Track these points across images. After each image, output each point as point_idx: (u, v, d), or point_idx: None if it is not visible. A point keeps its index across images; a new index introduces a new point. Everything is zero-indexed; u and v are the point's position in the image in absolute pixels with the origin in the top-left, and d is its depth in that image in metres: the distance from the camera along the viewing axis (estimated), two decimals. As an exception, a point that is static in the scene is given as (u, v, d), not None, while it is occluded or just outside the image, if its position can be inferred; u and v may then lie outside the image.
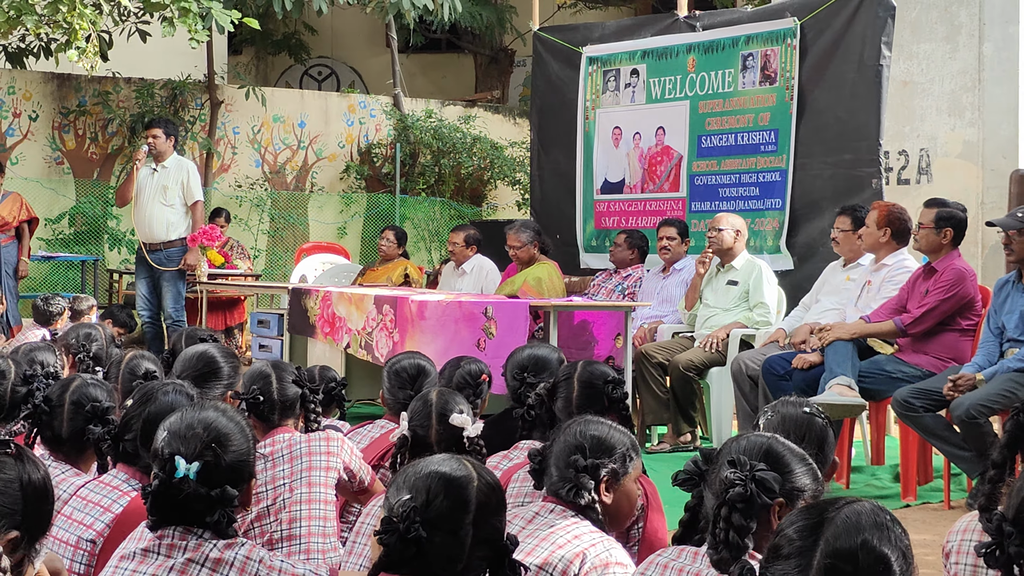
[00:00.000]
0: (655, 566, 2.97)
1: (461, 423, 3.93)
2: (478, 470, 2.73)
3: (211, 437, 3.00)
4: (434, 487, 2.64)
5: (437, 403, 4.01)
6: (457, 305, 7.58)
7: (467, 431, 3.92)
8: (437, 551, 2.61)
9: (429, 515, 2.61)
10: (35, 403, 3.99)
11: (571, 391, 4.36)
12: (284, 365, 4.63)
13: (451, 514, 2.63)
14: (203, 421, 3.03)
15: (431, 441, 3.95)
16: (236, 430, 3.08)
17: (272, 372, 4.51)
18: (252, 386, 4.45)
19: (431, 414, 3.99)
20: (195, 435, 2.99)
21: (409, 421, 4.02)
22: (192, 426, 3.01)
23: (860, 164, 8.76)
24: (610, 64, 10.59)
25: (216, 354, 4.63)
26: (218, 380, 4.53)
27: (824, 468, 3.40)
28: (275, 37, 20.53)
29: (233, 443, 3.04)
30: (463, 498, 2.65)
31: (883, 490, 6.97)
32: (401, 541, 2.57)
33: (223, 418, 3.08)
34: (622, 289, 9.11)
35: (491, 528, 2.68)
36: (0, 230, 11.30)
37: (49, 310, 9.31)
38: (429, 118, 16.75)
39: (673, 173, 10.09)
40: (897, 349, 7.01)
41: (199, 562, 2.90)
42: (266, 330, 9.61)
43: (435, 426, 3.96)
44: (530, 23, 11.56)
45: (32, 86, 14.67)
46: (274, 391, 4.46)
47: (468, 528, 2.63)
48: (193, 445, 2.97)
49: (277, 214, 15.89)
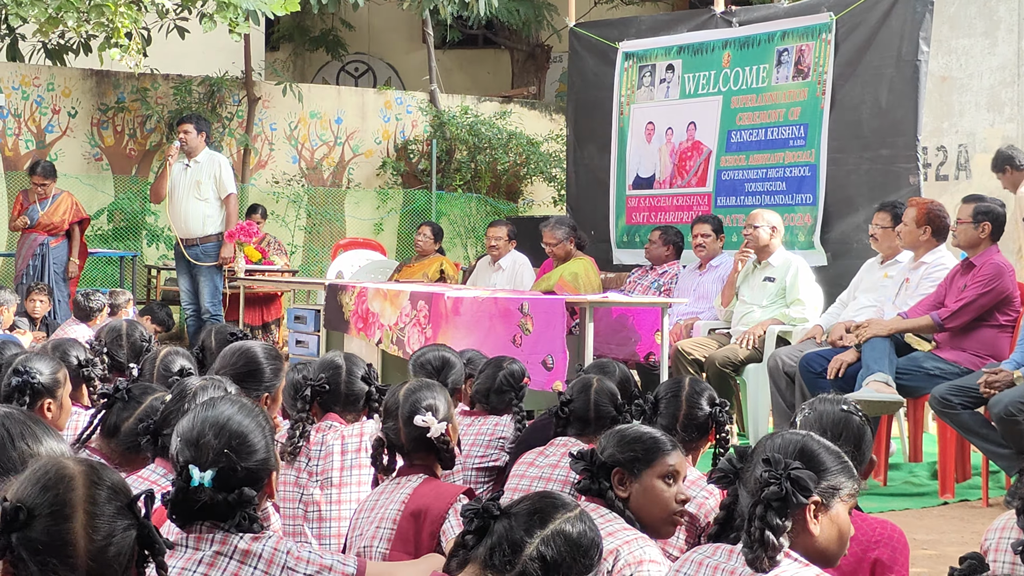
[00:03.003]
0: (691, 563, 2.96)
1: (424, 423, 3.85)
2: (583, 514, 2.65)
3: (224, 442, 2.96)
4: (532, 496, 2.66)
5: (403, 404, 3.92)
6: (493, 301, 7.58)
7: (431, 432, 3.85)
8: (499, 540, 2.59)
9: (512, 509, 2.61)
10: (113, 391, 4.04)
11: (678, 409, 4.34)
12: (356, 359, 4.66)
13: (526, 518, 2.59)
14: (215, 424, 2.99)
15: (402, 442, 3.91)
16: (252, 427, 3.03)
17: (343, 364, 4.58)
18: (321, 374, 4.52)
19: (398, 416, 3.91)
20: (207, 442, 2.95)
21: (383, 422, 3.99)
22: (204, 432, 2.97)
23: (898, 160, 8.72)
24: (646, 59, 10.58)
25: (259, 353, 4.54)
26: (257, 381, 4.48)
27: (861, 466, 3.38)
28: (312, 33, 20.59)
29: (249, 442, 3.00)
30: (548, 513, 2.59)
31: (921, 487, 6.94)
32: (477, 513, 2.59)
33: (237, 415, 3.03)
34: (658, 286, 9.09)
35: (558, 556, 2.59)
36: (49, 232, 11.38)
37: (89, 306, 9.39)
38: (465, 114, 16.75)
39: (701, 168, 10.07)
40: (935, 346, 6.97)
41: (227, 554, 2.90)
42: (303, 326, 9.66)
43: (403, 428, 3.89)
44: (566, 19, 11.56)
45: (71, 83, 14.76)
46: (342, 383, 4.54)
47: (535, 539, 2.57)
48: (206, 453, 2.94)
49: (314, 210, 15.93)
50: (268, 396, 4.48)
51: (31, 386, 4.33)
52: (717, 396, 4.43)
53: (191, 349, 5.79)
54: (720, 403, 4.39)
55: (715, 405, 4.36)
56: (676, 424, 4.30)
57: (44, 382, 4.38)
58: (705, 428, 4.34)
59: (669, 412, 4.34)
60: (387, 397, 4.07)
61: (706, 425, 4.34)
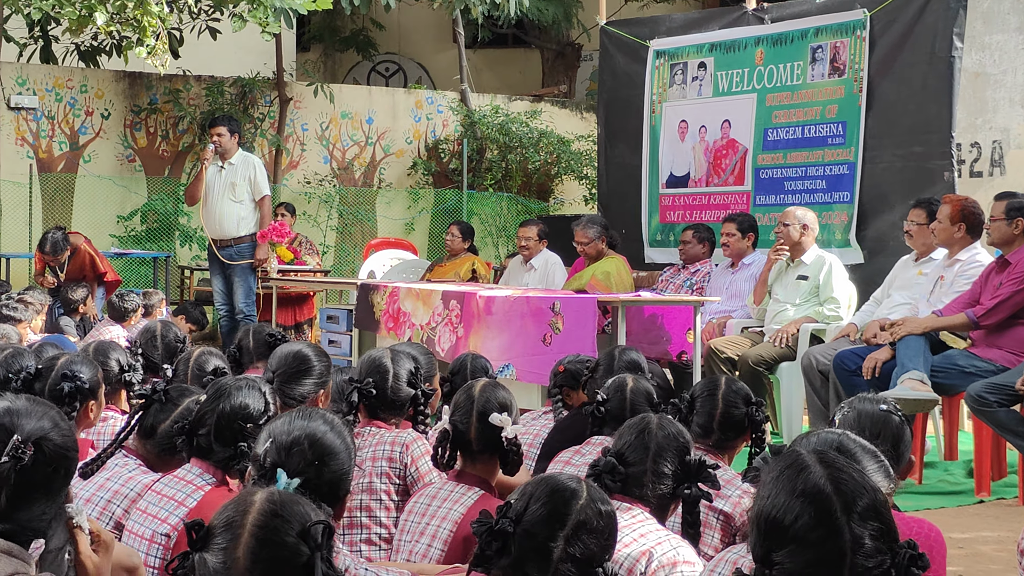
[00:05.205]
0: (725, 563, 2.96)
1: (500, 423, 3.85)
2: (591, 491, 2.73)
3: (316, 454, 2.98)
4: (538, 493, 2.68)
5: (479, 399, 3.93)
6: (524, 300, 7.58)
7: (505, 432, 3.85)
8: (523, 553, 2.63)
9: (524, 516, 2.64)
10: (150, 392, 4.07)
11: (714, 408, 4.33)
12: (402, 359, 4.58)
13: (545, 523, 2.64)
14: (311, 436, 3.01)
15: (470, 438, 3.90)
16: (341, 448, 3.05)
17: (390, 367, 4.50)
18: (368, 378, 4.45)
19: (472, 411, 3.91)
20: (301, 451, 2.98)
21: (451, 415, 3.97)
22: (299, 440, 2.99)
23: (932, 157, 8.68)
24: (677, 58, 10.56)
25: (310, 353, 4.63)
26: (310, 377, 4.56)
27: (900, 466, 3.37)
28: (343, 34, 20.65)
29: (336, 461, 3.02)
30: (562, 511, 2.66)
31: (956, 486, 6.90)
32: (489, 533, 2.62)
33: (331, 433, 3.05)
34: (690, 284, 9.07)
35: (586, 550, 2.66)
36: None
37: (124, 307, 9.44)
38: (496, 113, 16.76)
39: (738, 166, 10.04)
40: (970, 343, 6.93)
41: None
42: (335, 325, 9.69)
43: (475, 423, 3.89)
44: (597, 17, 11.55)
45: (104, 84, 14.84)
46: (388, 389, 4.47)
47: (559, 541, 2.63)
48: (297, 460, 2.96)
49: (345, 210, 15.97)
50: (323, 393, 4.52)
51: (80, 391, 4.40)
52: (753, 395, 4.42)
53: (225, 349, 5.82)
54: (756, 402, 4.37)
55: (751, 404, 4.35)
56: (712, 423, 4.30)
57: (90, 385, 4.46)
58: (741, 427, 4.33)
59: (705, 411, 4.33)
60: (459, 393, 4.05)
61: (742, 424, 4.32)
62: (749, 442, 4.36)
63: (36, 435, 2.45)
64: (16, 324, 8.06)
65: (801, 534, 2.23)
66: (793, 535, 2.23)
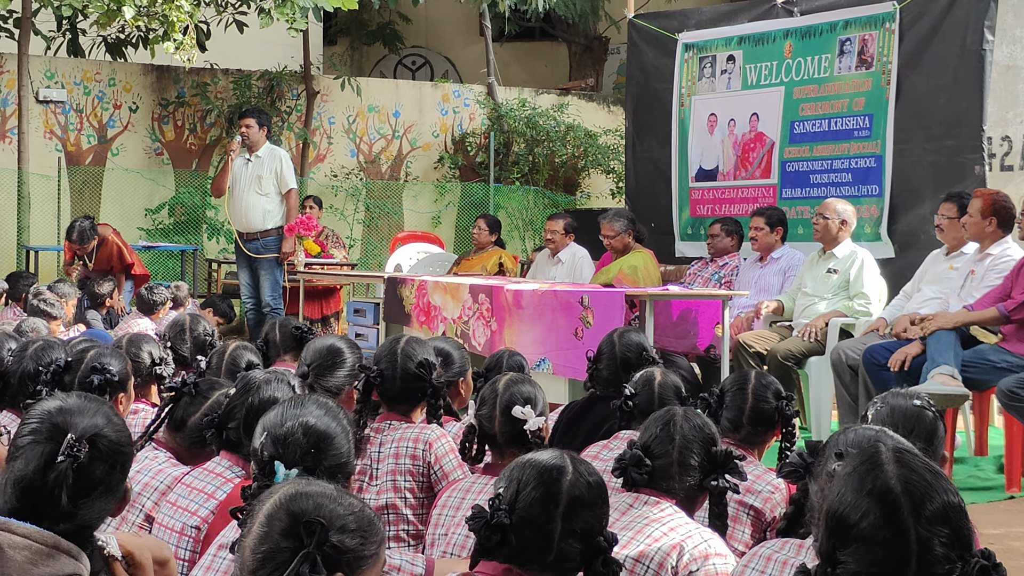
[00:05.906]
0: (759, 558, 2.94)
1: (522, 415, 3.85)
2: (576, 464, 2.73)
3: (312, 442, 2.99)
4: (526, 478, 2.68)
5: (503, 394, 3.95)
6: (553, 295, 7.57)
7: (528, 424, 3.85)
8: (524, 540, 2.63)
9: (517, 504, 2.64)
10: (180, 385, 4.08)
11: (744, 402, 4.31)
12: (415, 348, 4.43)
13: (539, 506, 2.65)
14: (304, 424, 3.01)
15: (495, 432, 3.92)
16: (338, 431, 3.05)
17: (399, 355, 4.39)
18: (376, 365, 4.38)
19: (496, 405, 3.93)
20: (295, 440, 2.98)
21: (477, 409, 3.99)
22: (292, 430, 2.99)
23: (962, 150, 8.63)
24: (706, 51, 10.52)
25: (343, 346, 4.65)
26: (343, 369, 4.57)
27: (933, 462, 3.34)
28: (370, 27, 20.67)
29: (334, 446, 3.02)
30: (554, 491, 2.66)
31: (987, 481, 6.85)
32: (487, 527, 2.62)
33: (325, 418, 3.05)
34: (719, 278, 9.04)
35: (584, 523, 2.67)
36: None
37: (153, 299, 9.48)
38: (523, 107, 16.75)
39: (765, 160, 10.00)
40: (1001, 338, 6.88)
41: None
42: (362, 319, 9.68)
43: (499, 417, 3.91)
44: (625, 10, 11.52)
45: (132, 78, 14.90)
46: (397, 378, 4.37)
47: (556, 521, 2.64)
48: (294, 451, 2.97)
49: (372, 203, 16.00)
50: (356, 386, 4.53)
51: (110, 383, 4.43)
52: (783, 390, 4.39)
53: (253, 342, 5.83)
54: (786, 397, 4.35)
55: (781, 399, 4.33)
56: (742, 417, 4.28)
57: (120, 378, 4.49)
58: (771, 422, 4.31)
59: (735, 405, 4.31)
60: (485, 387, 4.06)
61: (772, 419, 4.30)
62: (779, 437, 4.34)
63: (90, 432, 2.45)
64: (49, 320, 8.08)
65: (867, 533, 2.20)
66: (858, 534, 2.21)
